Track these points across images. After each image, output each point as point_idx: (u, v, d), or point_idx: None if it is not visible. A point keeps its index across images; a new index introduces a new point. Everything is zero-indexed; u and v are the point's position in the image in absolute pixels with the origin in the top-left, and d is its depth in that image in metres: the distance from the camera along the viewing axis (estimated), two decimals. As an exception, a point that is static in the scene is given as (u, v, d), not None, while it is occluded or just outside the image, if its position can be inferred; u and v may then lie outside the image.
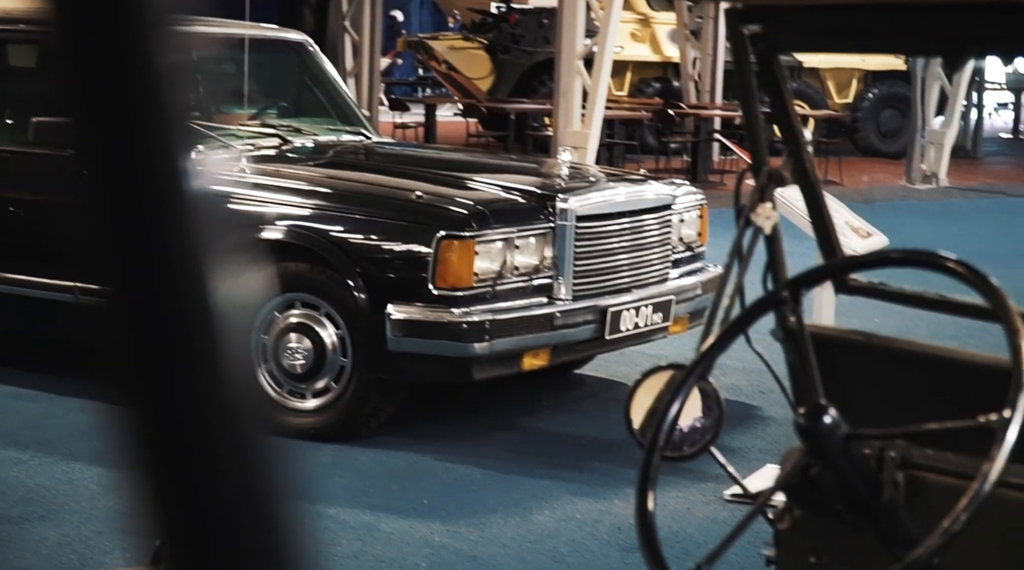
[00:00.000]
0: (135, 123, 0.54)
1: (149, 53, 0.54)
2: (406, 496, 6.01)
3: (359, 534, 5.55)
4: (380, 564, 5.28)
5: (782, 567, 2.81)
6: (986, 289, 2.17)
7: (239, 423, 0.55)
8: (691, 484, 6.16)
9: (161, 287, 0.54)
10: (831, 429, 2.11)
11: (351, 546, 5.41)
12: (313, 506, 5.54)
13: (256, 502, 0.56)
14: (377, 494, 6.03)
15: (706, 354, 2.46)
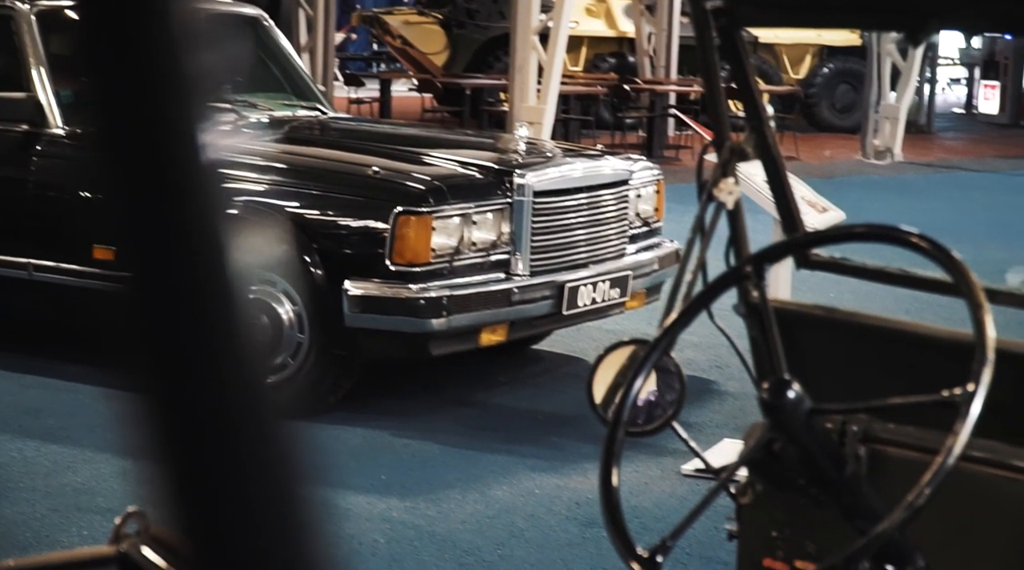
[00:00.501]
0: (151, 90, 0.53)
1: (167, 20, 0.52)
2: (364, 472, 6.00)
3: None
4: (338, 540, 5.26)
5: (744, 541, 2.82)
6: (949, 263, 2.17)
7: (260, 405, 0.54)
8: (649, 460, 6.18)
9: (181, 261, 0.53)
10: (794, 404, 2.11)
11: (309, 523, 5.39)
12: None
13: (276, 487, 0.54)
14: (335, 470, 6.01)
15: (669, 329, 2.46)
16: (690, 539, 4.64)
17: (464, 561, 5.19)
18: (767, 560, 2.75)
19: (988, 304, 2.11)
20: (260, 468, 0.54)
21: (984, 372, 2.03)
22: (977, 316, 2.09)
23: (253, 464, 0.54)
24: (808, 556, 2.68)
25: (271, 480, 0.54)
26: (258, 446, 0.54)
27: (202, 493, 0.54)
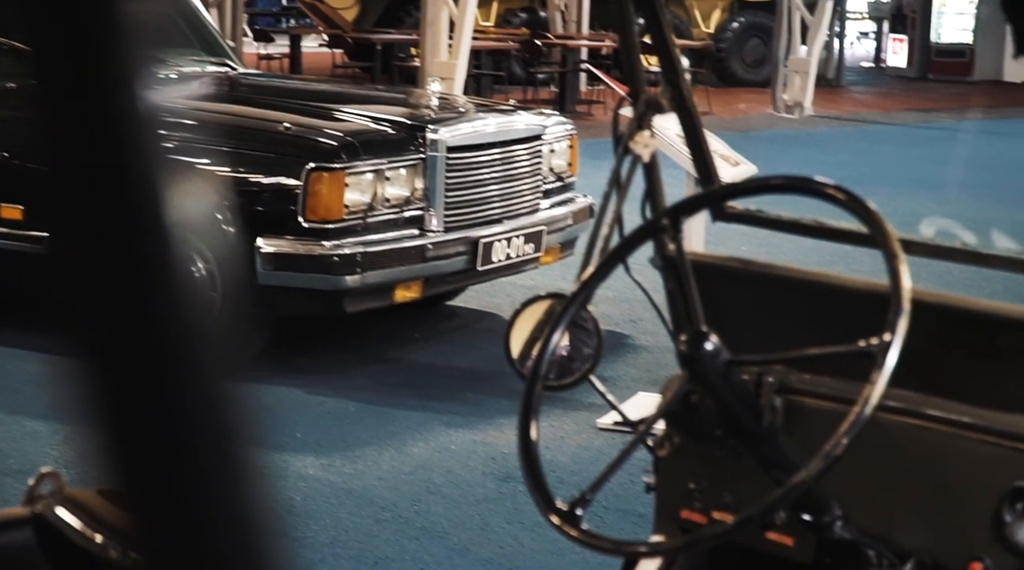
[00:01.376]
0: (89, 40, 0.51)
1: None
2: (279, 430, 5.97)
3: (232, 469, 5.50)
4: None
5: (662, 494, 2.83)
6: (865, 214, 2.18)
7: (202, 360, 0.52)
8: (563, 414, 6.19)
9: (121, 213, 0.51)
10: (712, 355, 2.11)
11: (224, 482, 5.36)
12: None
13: (219, 444, 0.53)
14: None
15: (587, 283, 2.45)
16: (607, 492, 4.66)
17: (381, 518, 5.19)
18: (684, 512, 2.77)
19: (904, 254, 2.12)
20: (203, 426, 0.53)
21: (900, 322, 2.04)
22: (893, 266, 2.10)
23: (196, 422, 0.52)
24: (725, 507, 2.70)
25: (214, 438, 0.53)
26: (200, 403, 0.52)
27: (143, 453, 0.52)
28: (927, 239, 2.64)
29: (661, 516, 2.83)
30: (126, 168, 0.51)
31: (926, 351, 2.33)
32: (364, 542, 4.96)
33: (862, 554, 2.41)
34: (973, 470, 2.40)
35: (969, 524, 2.41)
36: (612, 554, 2.29)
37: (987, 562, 2.39)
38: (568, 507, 2.21)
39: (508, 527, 5.14)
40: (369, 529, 5.08)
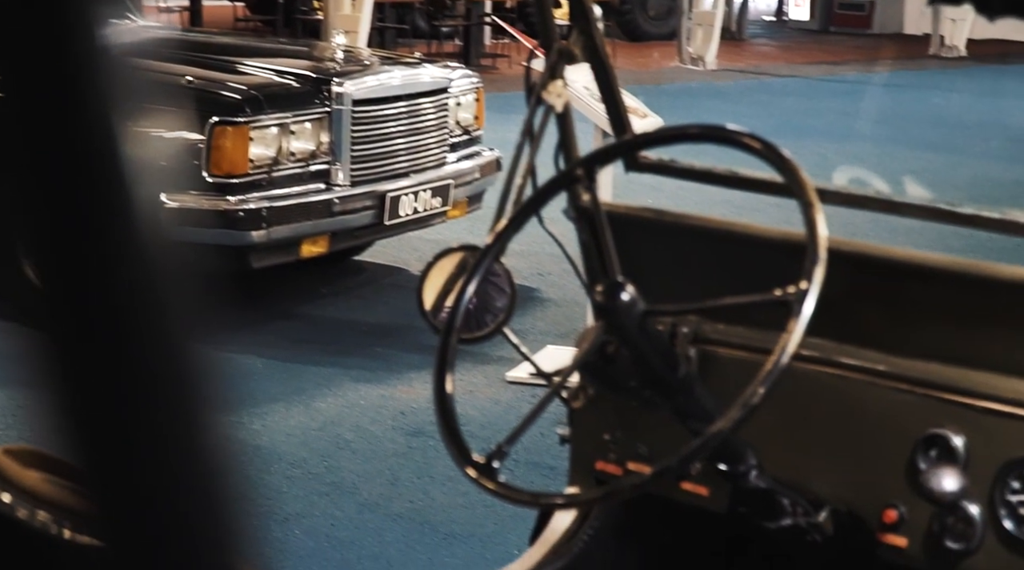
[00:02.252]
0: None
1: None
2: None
3: (139, 428, 5.43)
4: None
5: (577, 445, 2.82)
6: (780, 163, 2.17)
7: (165, 307, 0.49)
8: (473, 368, 6.18)
9: (76, 160, 0.48)
10: (628, 306, 2.10)
11: (131, 440, 5.29)
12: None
13: (183, 404, 0.50)
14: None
15: (500, 234, 2.43)
16: (517, 446, 4.66)
17: (290, 474, 5.15)
18: (600, 463, 2.76)
19: (819, 203, 2.11)
20: (165, 388, 0.50)
21: (816, 270, 2.04)
22: (809, 215, 2.09)
23: (158, 383, 0.49)
24: (641, 458, 2.70)
25: (177, 400, 0.50)
26: (162, 362, 0.49)
27: (104, 415, 0.49)
28: (840, 188, 2.64)
29: (576, 468, 2.82)
30: (83, 111, 0.47)
31: (841, 300, 2.34)
32: (273, 499, 4.92)
33: (777, 503, 2.42)
34: (888, 418, 2.41)
35: (884, 472, 2.42)
36: (529, 506, 2.28)
37: (902, 509, 2.41)
38: (484, 460, 2.19)
39: (418, 482, 5.13)
40: (278, 486, 5.04)
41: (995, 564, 2.32)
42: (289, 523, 4.75)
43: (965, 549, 2.34)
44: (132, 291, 0.48)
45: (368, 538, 4.67)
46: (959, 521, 2.35)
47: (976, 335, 2.34)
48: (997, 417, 2.30)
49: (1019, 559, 2.29)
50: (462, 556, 4.56)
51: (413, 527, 4.76)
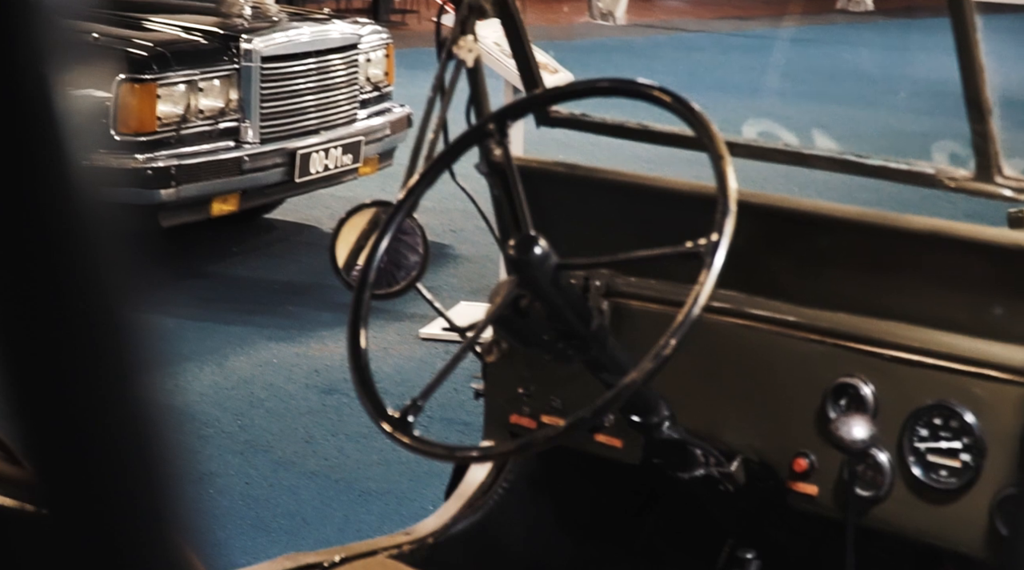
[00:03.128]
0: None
1: None
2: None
3: (49, 389, 5.38)
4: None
5: (491, 399, 2.83)
6: (690, 116, 2.18)
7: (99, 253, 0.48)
8: (386, 325, 6.18)
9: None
10: (541, 260, 2.10)
11: (41, 402, 5.25)
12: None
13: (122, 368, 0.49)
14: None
15: (413, 189, 2.43)
16: (431, 402, 4.68)
17: (204, 433, 5.13)
18: (514, 416, 2.78)
19: (729, 156, 2.13)
20: (102, 348, 0.49)
21: (727, 222, 2.05)
22: (719, 167, 2.11)
23: (94, 344, 0.49)
24: (554, 411, 2.72)
25: (113, 360, 0.49)
26: (98, 320, 0.49)
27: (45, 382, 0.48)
28: (750, 141, 2.66)
29: (491, 422, 2.83)
30: (13, 66, 0.47)
31: (750, 252, 2.36)
32: (188, 458, 4.89)
33: (689, 453, 2.44)
34: (798, 368, 2.44)
35: (794, 421, 2.45)
36: (444, 460, 2.29)
37: (812, 458, 2.44)
38: (399, 415, 2.19)
39: (333, 439, 5.13)
40: (192, 445, 5.01)
41: (904, 510, 2.36)
42: (204, 483, 4.73)
43: (875, 496, 2.38)
44: (66, 248, 0.48)
45: (283, 496, 4.67)
46: (868, 469, 2.38)
47: (885, 285, 2.37)
48: (906, 366, 2.33)
49: (927, 504, 2.34)
50: (377, 513, 4.57)
51: (328, 484, 4.76)
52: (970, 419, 2.27)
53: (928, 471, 2.33)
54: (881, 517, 2.39)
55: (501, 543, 2.86)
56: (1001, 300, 2.27)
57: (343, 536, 4.42)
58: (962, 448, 2.29)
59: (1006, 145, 2.32)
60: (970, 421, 2.27)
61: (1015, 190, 2.30)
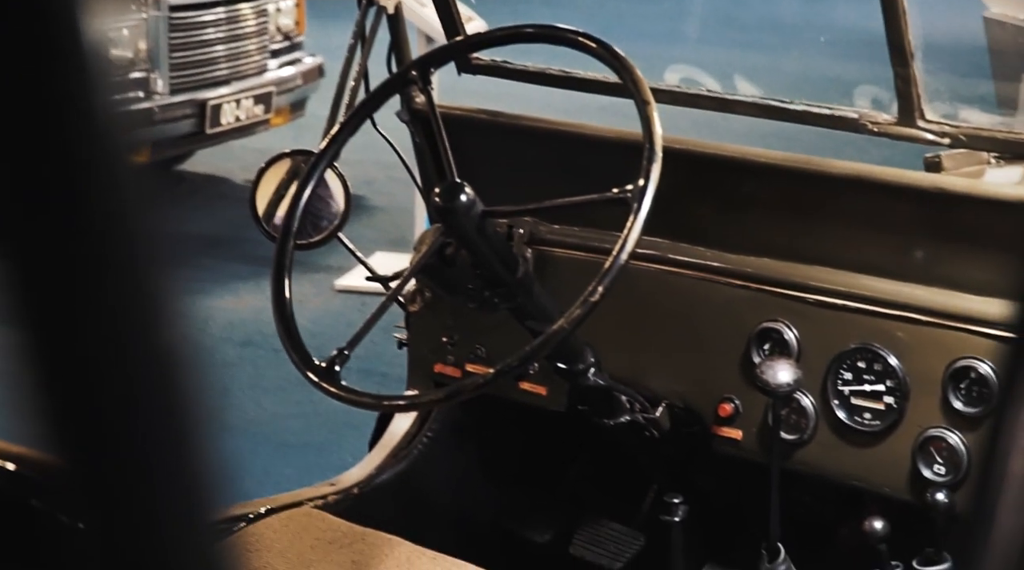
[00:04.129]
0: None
1: None
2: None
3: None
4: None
5: (415, 349, 2.82)
6: (615, 62, 2.17)
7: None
8: (301, 277, 6.13)
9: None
10: (467, 207, 2.09)
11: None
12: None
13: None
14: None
15: (335, 138, 2.40)
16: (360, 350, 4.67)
17: (119, 388, 5.08)
18: (438, 366, 2.77)
19: (654, 101, 2.12)
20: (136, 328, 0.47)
21: (653, 168, 2.05)
22: (645, 113, 2.10)
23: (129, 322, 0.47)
24: (479, 359, 2.71)
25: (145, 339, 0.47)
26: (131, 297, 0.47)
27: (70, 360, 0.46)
28: (673, 87, 2.65)
29: (415, 371, 2.82)
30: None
31: (675, 198, 2.36)
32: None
33: (615, 400, 2.45)
34: (722, 314, 2.45)
35: (719, 366, 2.46)
36: (373, 408, 2.27)
37: (737, 402, 2.46)
38: (326, 364, 2.18)
39: (250, 392, 5.10)
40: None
41: (827, 452, 2.38)
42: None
43: (799, 439, 2.40)
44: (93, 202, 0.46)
45: (201, 450, 4.63)
46: (793, 412, 2.40)
47: (808, 230, 2.38)
48: (829, 310, 2.35)
49: (850, 447, 2.36)
50: (297, 465, 4.55)
51: (246, 438, 4.73)
52: (893, 362, 2.29)
53: (852, 414, 2.35)
54: (805, 460, 2.41)
55: (426, 492, 2.86)
56: (923, 243, 2.29)
57: (263, 489, 4.37)
58: (885, 391, 2.32)
59: (928, 88, 2.33)
60: (893, 364, 2.29)
61: (937, 134, 2.32)
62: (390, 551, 2.33)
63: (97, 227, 0.43)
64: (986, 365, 2.20)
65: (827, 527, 2.71)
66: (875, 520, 2.31)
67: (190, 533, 0.45)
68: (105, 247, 0.43)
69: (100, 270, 0.43)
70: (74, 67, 0.42)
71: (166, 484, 0.45)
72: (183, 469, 0.45)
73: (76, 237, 0.42)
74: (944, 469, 2.27)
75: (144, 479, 0.44)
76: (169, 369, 0.45)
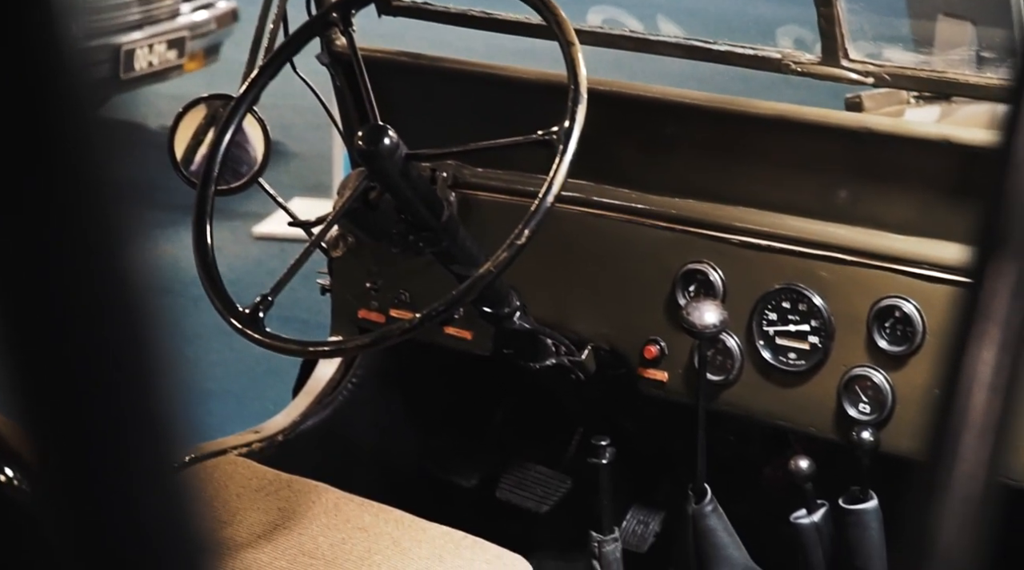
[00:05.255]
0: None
1: None
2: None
3: None
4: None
5: (338, 294, 2.80)
6: (539, 3, 2.15)
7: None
8: (219, 224, 6.04)
9: None
10: (391, 150, 2.06)
11: None
12: None
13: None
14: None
15: (255, 81, 2.36)
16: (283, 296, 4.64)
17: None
18: (362, 311, 2.75)
19: (579, 42, 2.10)
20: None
21: (579, 110, 2.03)
22: (570, 54, 2.09)
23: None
24: (403, 305, 2.70)
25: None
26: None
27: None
28: (596, 27, 2.63)
29: (339, 317, 2.81)
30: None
31: (598, 140, 2.34)
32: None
33: (540, 343, 2.44)
34: (647, 256, 2.45)
35: (644, 309, 2.46)
36: (298, 355, 2.26)
37: (662, 344, 2.46)
38: (250, 311, 2.15)
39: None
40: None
41: (753, 392, 2.39)
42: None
43: (724, 380, 2.41)
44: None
45: (120, 399, 4.59)
46: (718, 353, 2.41)
47: (732, 171, 2.38)
48: (753, 250, 2.35)
49: (775, 387, 2.37)
50: (219, 414, 4.51)
51: (166, 386, 4.68)
52: (818, 302, 2.30)
53: (777, 354, 2.36)
54: (731, 400, 2.42)
55: (352, 438, 2.84)
56: (846, 183, 2.29)
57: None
58: (810, 331, 2.33)
59: (851, 27, 2.33)
60: (818, 304, 2.30)
61: (861, 73, 2.32)
62: (317, 498, 2.32)
63: (68, 162, 0.41)
64: (910, 304, 2.22)
65: (753, 467, 2.73)
66: (800, 459, 2.32)
67: (158, 472, 0.44)
68: (77, 185, 0.41)
69: (71, 205, 0.41)
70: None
71: (133, 421, 0.43)
72: (149, 407, 0.43)
73: (44, 176, 0.41)
74: (869, 408, 2.29)
75: (110, 417, 0.43)
76: (136, 310, 0.43)
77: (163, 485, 0.43)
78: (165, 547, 0.44)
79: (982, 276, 0.51)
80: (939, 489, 0.51)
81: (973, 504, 0.51)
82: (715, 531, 2.47)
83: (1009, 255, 0.51)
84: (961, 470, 0.51)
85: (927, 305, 2.21)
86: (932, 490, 0.51)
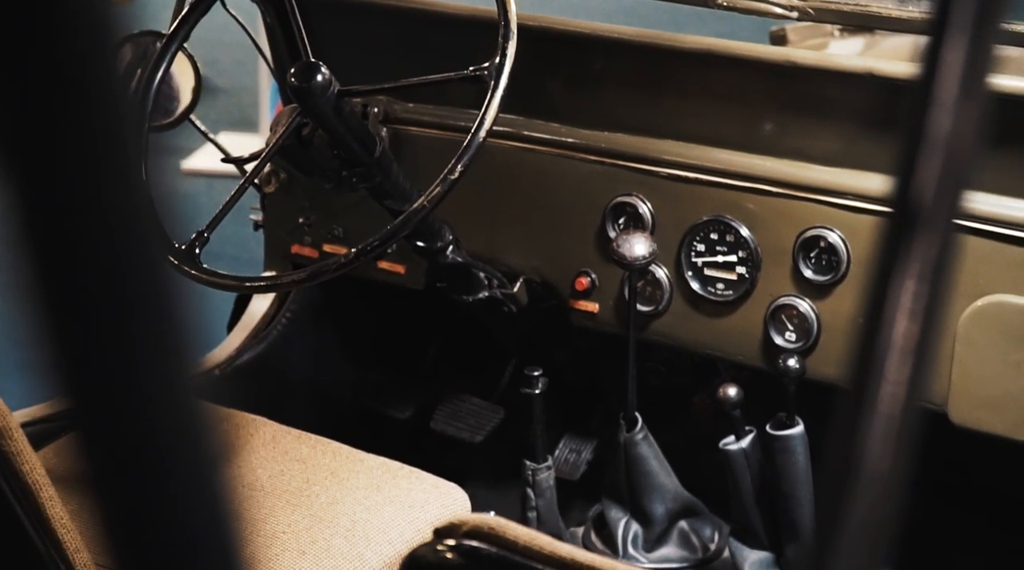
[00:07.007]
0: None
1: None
2: None
3: None
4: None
5: (271, 230, 2.82)
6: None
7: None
8: (146, 159, 6.04)
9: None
10: (323, 87, 2.07)
11: None
12: None
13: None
14: None
15: (186, 18, 2.36)
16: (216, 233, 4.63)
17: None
18: (295, 247, 2.77)
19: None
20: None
21: (509, 45, 2.05)
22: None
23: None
24: (336, 240, 2.72)
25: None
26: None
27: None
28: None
29: (271, 252, 2.82)
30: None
31: (528, 75, 2.37)
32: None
33: (473, 277, 2.47)
34: (577, 189, 2.48)
35: (575, 241, 2.50)
36: (234, 290, 2.27)
37: (593, 276, 2.50)
38: (186, 247, 2.17)
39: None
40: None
41: (682, 322, 2.44)
42: None
43: (654, 311, 2.45)
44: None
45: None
46: (648, 284, 2.45)
47: (660, 104, 2.41)
48: (681, 183, 2.39)
49: (704, 317, 2.42)
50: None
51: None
52: (745, 233, 2.34)
53: (705, 284, 2.41)
54: (661, 331, 2.46)
55: (287, 372, 2.87)
56: (772, 116, 2.33)
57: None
58: (737, 261, 2.37)
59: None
60: (745, 235, 2.35)
61: (786, 7, 2.35)
62: (255, 430, 2.35)
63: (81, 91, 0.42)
64: (835, 234, 2.27)
65: (683, 395, 2.78)
66: (729, 387, 2.38)
67: (170, 386, 0.46)
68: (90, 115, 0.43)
69: (81, 131, 0.43)
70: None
71: (144, 335, 0.45)
72: (161, 319, 0.45)
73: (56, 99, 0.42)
74: (795, 336, 2.34)
75: (122, 331, 0.45)
76: (142, 226, 0.45)
77: (178, 399, 0.46)
78: (180, 459, 0.46)
79: (903, 206, 0.54)
80: (863, 410, 0.54)
81: (895, 424, 0.54)
82: (646, 459, 2.52)
83: (927, 186, 0.54)
84: (884, 391, 0.54)
85: (851, 235, 2.26)
86: (856, 411, 0.54)
